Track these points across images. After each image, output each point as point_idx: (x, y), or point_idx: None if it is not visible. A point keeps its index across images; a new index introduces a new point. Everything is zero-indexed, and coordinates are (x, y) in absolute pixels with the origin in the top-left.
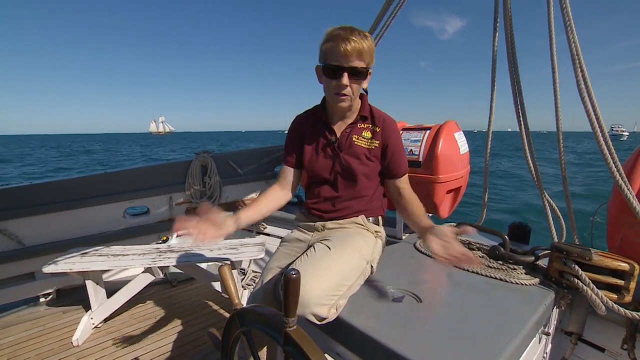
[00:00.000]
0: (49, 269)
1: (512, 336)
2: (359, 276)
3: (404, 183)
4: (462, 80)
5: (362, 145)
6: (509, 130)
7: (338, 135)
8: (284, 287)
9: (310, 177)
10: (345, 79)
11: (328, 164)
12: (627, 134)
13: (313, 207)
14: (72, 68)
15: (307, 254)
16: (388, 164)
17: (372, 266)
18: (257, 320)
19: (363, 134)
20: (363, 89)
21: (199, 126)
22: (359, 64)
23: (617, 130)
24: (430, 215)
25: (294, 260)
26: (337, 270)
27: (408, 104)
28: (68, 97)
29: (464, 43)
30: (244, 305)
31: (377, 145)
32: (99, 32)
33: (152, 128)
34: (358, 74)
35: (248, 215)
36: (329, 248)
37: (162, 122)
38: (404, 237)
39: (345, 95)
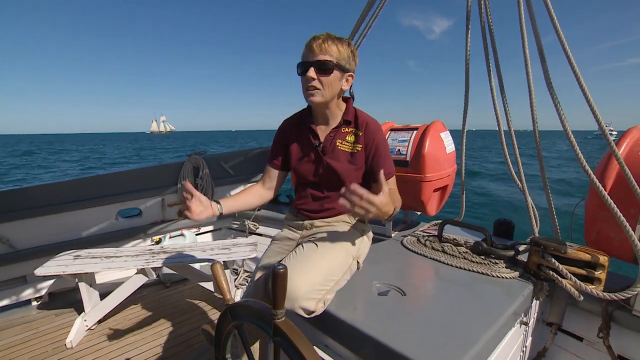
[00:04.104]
0: (41, 271)
1: (489, 325)
2: (345, 271)
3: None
4: (450, 80)
5: (345, 149)
6: (507, 129)
7: (322, 139)
8: (272, 281)
9: (297, 179)
10: (312, 73)
11: (312, 167)
12: (616, 132)
13: (301, 208)
14: (72, 68)
15: (295, 252)
16: (369, 166)
17: (358, 262)
18: (248, 314)
19: (347, 138)
20: (350, 93)
21: (197, 125)
22: (323, 57)
23: None
24: (418, 213)
25: (284, 258)
26: (324, 266)
27: (397, 103)
28: (68, 97)
29: (451, 43)
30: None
31: (360, 149)
32: (103, 33)
33: (154, 127)
34: (323, 67)
35: (229, 205)
36: (317, 245)
37: (163, 121)
38: (392, 235)
39: (314, 88)
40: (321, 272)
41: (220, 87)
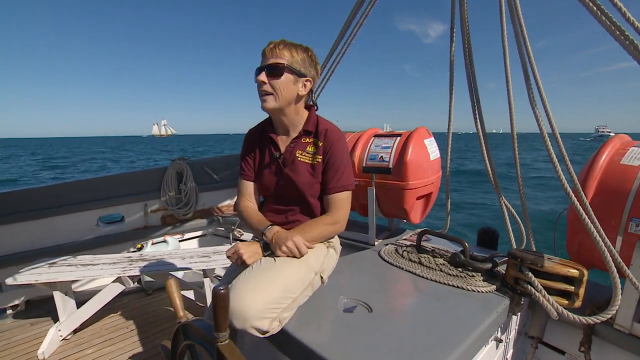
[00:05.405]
0: (13, 280)
1: (459, 342)
2: (305, 288)
3: (332, 202)
4: (446, 83)
5: (306, 161)
6: (494, 131)
7: (282, 150)
8: (212, 303)
9: (261, 190)
10: (262, 76)
11: (274, 179)
12: (613, 134)
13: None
14: (74, 72)
15: (252, 267)
16: (323, 177)
17: (322, 277)
18: (195, 334)
19: (307, 149)
20: (312, 101)
21: (195, 129)
22: (274, 60)
23: (602, 131)
24: (404, 220)
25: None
26: (280, 282)
27: (394, 106)
28: (71, 100)
29: (447, 47)
30: (191, 318)
31: (319, 160)
32: (101, 36)
33: (155, 131)
34: (274, 70)
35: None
36: (274, 260)
37: (164, 125)
38: (376, 243)
39: (265, 93)
40: (276, 289)
41: (218, 90)
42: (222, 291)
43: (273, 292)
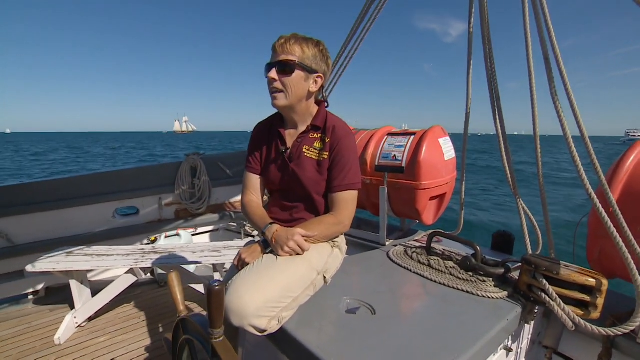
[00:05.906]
0: (32, 268)
1: (465, 350)
2: (307, 287)
3: (336, 201)
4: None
5: (312, 157)
6: (515, 133)
7: (289, 144)
8: (207, 299)
9: (267, 186)
10: (273, 73)
11: (279, 175)
12: None
13: (271, 216)
14: (93, 68)
15: (253, 264)
16: (328, 174)
17: (325, 277)
18: (193, 329)
19: (314, 144)
20: (323, 96)
21: (215, 126)
22: (285, 57)
23: (633, 135)
24: (416, 221)
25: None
26: (280, 281)
27: (411, 106)
28: (89, 96)
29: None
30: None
31: (326, 157)
32: (123, 33)
33: (177, 127)
34: (285, 67)
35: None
36: (276, 258)
37: (185, 121)
38: (387, 243)
39: (276, 90)
40: (276, 288)
41: (238, 88)
42: (217, 287)
43: (273, 290)
